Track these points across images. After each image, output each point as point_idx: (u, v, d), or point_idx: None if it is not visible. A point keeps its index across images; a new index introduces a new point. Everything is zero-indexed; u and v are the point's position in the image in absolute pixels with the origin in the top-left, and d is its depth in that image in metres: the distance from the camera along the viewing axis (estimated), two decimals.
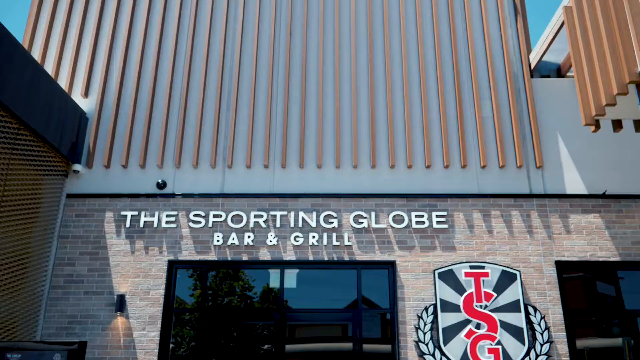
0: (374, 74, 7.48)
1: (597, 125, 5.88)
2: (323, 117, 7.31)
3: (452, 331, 6.29)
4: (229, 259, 6.65)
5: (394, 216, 6.83)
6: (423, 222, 6.81)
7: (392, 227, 6.79)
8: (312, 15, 7.84)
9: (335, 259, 6.66)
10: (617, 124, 6.01)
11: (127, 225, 6.74)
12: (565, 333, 6.36)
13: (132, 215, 6.78)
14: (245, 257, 6.65)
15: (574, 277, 6.79)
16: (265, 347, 6.45)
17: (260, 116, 7.31)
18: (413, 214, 6.84)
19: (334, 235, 6.74)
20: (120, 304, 6.35)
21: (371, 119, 7.23)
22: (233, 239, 6.67)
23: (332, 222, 6.78)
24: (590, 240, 6.72)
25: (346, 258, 6.66)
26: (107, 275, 6.53)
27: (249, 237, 6.70)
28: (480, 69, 7.54)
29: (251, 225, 6.76)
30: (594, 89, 5.58)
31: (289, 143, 7.21)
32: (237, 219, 6.80)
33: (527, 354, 6.17)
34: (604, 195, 6.84)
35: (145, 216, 6.77)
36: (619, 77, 5.13)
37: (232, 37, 7.72)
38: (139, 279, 6.53)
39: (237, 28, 7.74)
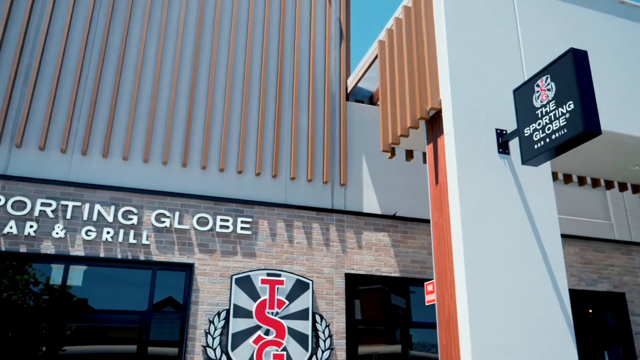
0: (197, 72, 7.30)
1: (393, 153, 6.45)
2: (136, 106, 6.91)
3: (241, 336, 6.35)
4: (2, 249, 5.89)
5: (199, 218, 6.71)
6: (228, 227, 6.79)
7: (195, 229, 6.66)
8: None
9: (130, 257, 6.30)
10: (409, 154, 6.67)
11: None
12: (345, 341, 6.82)
13: None
14: (23, 249, 5.95)
15: (372, 289, 7.37)
16: (44, 348, 5.82)
17: (64, 95, 6.65)
18: (219, 217, 6.79)
19: (132, 232, 6.38)
20: None
21: (189, 117, 7.04)
22: (11, 228, 5.93)
23: (132, 219, 6.42)
24: (377, 256, 7.33)
25: (142, 257, 6.34)
26: None
27: (31, 226, 6.02)
28: (302, 85, 7.81)
29: (36, 213, 6.09)
30: (393, 119, 6.12)
31: (94, 128, 6.67)
32: (19, 205, 6.07)
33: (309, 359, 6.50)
34: (393, 217, 7.53)
35: None
36: (413, 112, 5.70)
37: (40, 15, 6.93)
38: None
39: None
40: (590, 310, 8.76)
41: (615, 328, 8.72)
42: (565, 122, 4.20)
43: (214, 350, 6.21)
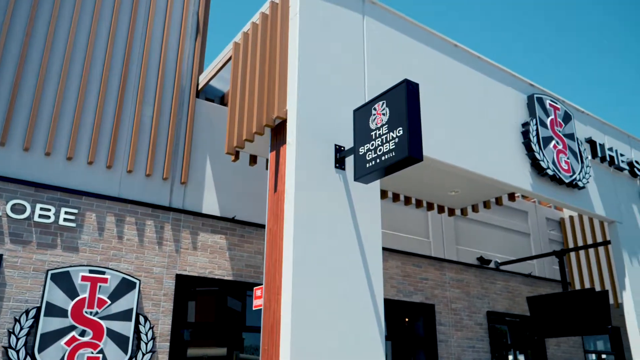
0: (27, 49, 6.58)
1: (237, 156, 6.45)
2: None
3: (52, 337, 5.81)
4: None
5: (14, 205, 6.03)
6: (48, 217, 6.20)
7: (8, 216, 5.97)
8: None
9: None
10: (253, 159, 6.73)
11: None
12: (169, 344, 6.61)
13: None
14: None
15: (208, 292, 7.23)
16: None
17: None
18: (39, 205, 6.16)
19: None
20: None
21: (14, 91, 6.30)
22: None
23: None
24: (212, 258, 7.24)
25: None
26: None
27: None
28: (151, 75, 7.46)
29: None
30: (240, 123, 6.12)
31: None
32: None
33: None
34: (232, 220, 7.51)
35: None
36: (260, 119, 5.75)
37: None
38: None
39: None
40: (407, 319, 9.59)
41: (424, 336, 9.64)
42: (394, 146, 4.56)
43: (17, 352, 5.60)
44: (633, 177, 9.38)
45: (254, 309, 5.59)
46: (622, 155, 9.16)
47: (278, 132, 5.63)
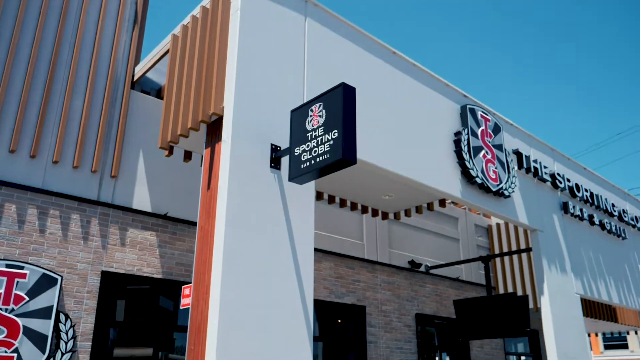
0: None
1: (171, 151, 6.30)
2: None
3: None
4: None
5: None
6: None
7: None
8: None
9: None
10: (187, 155, 6.59)
11: None
12: (91, 343, 6.36)
13: None
14: None
15: (139, 290, 7.00)
16: None
17: None
18: None
19: None
20: None
21: None
22: None
23: None
24: (141, 255, 7.03)
25: None
26: None
27: None
28: (83, 63, 7.15)
29: None
30: (175, 118, 5.98)
31: None
32: None
33: None
34: (164, 216, 7.33)
35: None
36: (195, 114, 5.64)
37: None
38: None
39: None
40: (339, 320, 9.69)
41: (354, 337, 9.78)
42: (329, 148, 4.60)
43: None
44: (554, 189, 9.93)
45: (181, 307, 5.48)
46: (545, 167, 9.66)
47: (214, 128, 5.55)
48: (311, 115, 4.92)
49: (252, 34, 5.62)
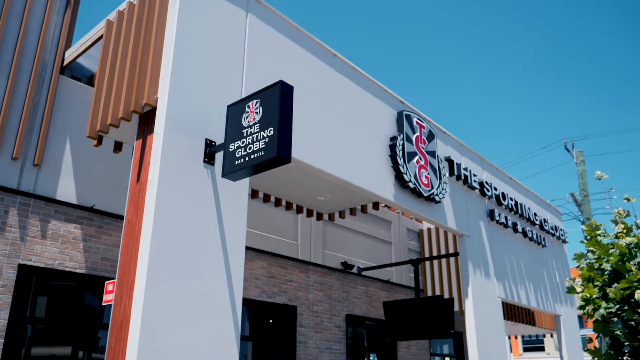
0: None
1: (100, 141, 6.05)
2: None
3: None
4: None
5: None
6: None
7: None
8: None
9: None
10: (117, 146, 6.35)
11: None
12: (4, 340, 5.99)
13: None
14: None
15: (61, 285, 6.66)
16: None
17: None
18: None
19: None
20: None
21: None
22: None
23: None
24: (63, 249, 6.70)
25: None
26: None
27: None
28: (7, 44, 6.73)
29: None
30: (106, 107, 5.74)
31: None
32: None
33: None
34: (91, 209, 7.02)
35: None
36: (127, 104, 5.44)
37: None
38: None
39: None
40: (271, 320, 9.64)
41: (284, 337, 9.76)
42: (264, 145, 4.56)
43: None
44: (482, 196, 10.33)
45: (103, 304, 5.26)
46: (475, 175, 10.04)
47: (146, 119, 5.37)
48: (248, 112, 4.86)
49: (190, 25, 5.49)
